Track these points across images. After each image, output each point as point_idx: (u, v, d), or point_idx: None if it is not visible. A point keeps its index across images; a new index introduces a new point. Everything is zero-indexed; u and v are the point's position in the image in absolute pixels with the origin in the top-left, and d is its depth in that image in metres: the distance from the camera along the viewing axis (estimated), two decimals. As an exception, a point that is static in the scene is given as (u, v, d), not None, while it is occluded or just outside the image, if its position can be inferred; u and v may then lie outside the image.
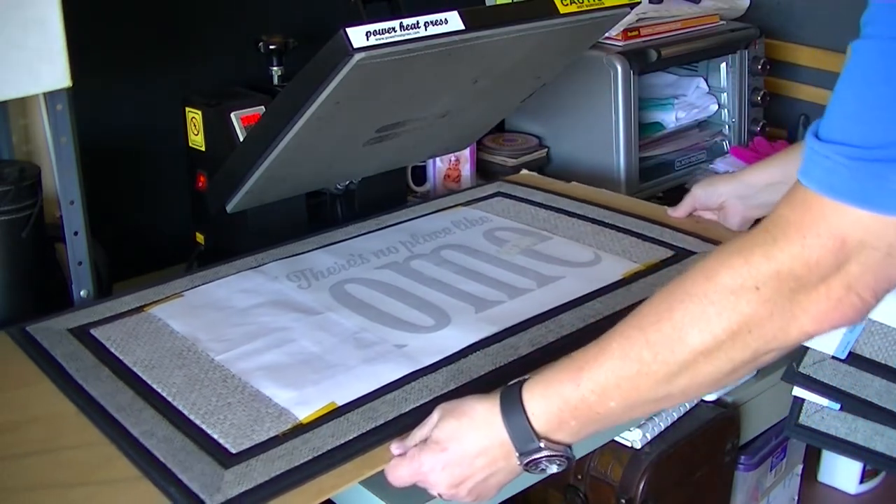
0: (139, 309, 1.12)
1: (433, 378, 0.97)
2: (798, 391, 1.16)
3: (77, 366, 1.00)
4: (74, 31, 1.01)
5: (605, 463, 1.11)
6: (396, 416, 0.91)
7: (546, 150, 1.71)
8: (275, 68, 1.36)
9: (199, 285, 1.18)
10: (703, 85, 1.83)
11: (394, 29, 0.96)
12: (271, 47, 1.35)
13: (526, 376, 0.81)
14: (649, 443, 1.10)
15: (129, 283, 1.20)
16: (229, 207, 1.23)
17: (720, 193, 1.29)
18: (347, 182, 1.38)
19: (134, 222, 1.41)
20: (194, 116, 1.29)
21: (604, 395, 0.75)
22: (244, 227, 1.28)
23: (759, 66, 1.81)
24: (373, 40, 0.95)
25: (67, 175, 1.08)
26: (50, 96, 1.04)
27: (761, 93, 1.82)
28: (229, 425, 0.90)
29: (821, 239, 0.66)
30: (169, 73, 1.39)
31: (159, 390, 0.96)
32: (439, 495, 0.83)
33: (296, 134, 1.08)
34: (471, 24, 1.03)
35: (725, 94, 1.83)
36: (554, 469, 0.79)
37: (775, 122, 1.89)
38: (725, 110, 1.84)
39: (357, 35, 0.95)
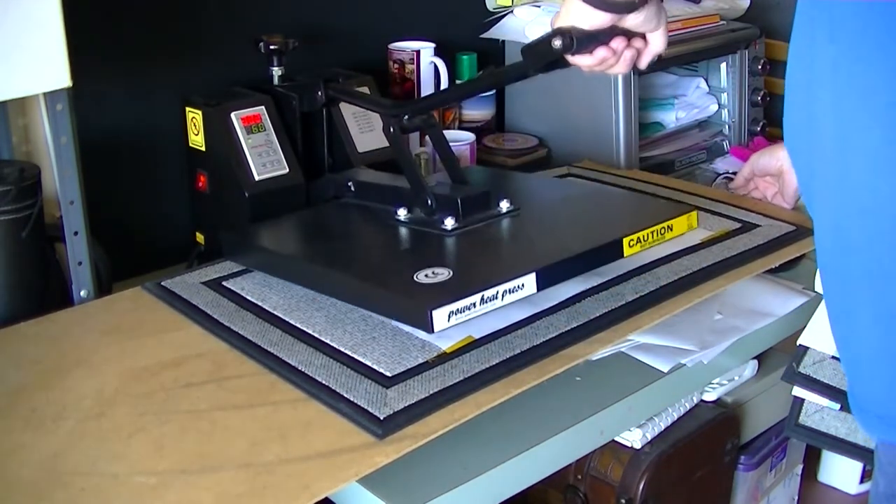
0: None
1: (556, 318, 1.06)
2: (798, 391, 1.15)
3: (220, 312, 1.09)
4: (74, 31, 1.01)
5: (605, 463, 1.11)
6: (530, 346, 0.99)
7: (546, 150, 1.70)
8: (275, 68, 1.36)
9: None
10: (703, 85, 1.83)
11: (474, 304, 0.96)
12: (271, 47, 1.35)
13: None
14: (649, 443, 1.10)
15: (129, 283, 1.20)
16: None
17: (778, 158, 1.37)
18: (347, 182, 1.38)
19: (134, 222, 1.41)
20: (194, 116, 1.29)
21: None
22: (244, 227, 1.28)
23: (759, 66, 1.81)
24: (454, 321, 0.94)
25: (67, 175, 1.08)
26: (50, 96, 1.04)
27: (761, 93, 1.82)
28: (379, 354, 0.98)
29: None
30: (169, 73, 1.39)
31: (305, 328, 1.04)
32: None
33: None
34: (544, 283, 1.02)
35: (725, 94, 1.83)
36: None
37: (775, 122, 1.89)
38: (725, 110, 1.84)
39: (440, 318, 0.94)
